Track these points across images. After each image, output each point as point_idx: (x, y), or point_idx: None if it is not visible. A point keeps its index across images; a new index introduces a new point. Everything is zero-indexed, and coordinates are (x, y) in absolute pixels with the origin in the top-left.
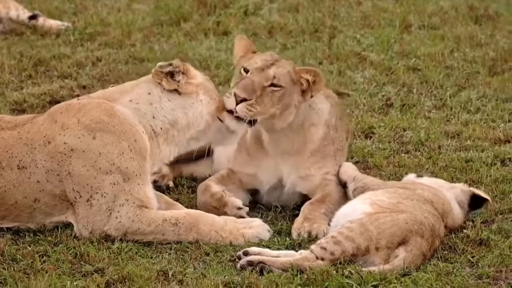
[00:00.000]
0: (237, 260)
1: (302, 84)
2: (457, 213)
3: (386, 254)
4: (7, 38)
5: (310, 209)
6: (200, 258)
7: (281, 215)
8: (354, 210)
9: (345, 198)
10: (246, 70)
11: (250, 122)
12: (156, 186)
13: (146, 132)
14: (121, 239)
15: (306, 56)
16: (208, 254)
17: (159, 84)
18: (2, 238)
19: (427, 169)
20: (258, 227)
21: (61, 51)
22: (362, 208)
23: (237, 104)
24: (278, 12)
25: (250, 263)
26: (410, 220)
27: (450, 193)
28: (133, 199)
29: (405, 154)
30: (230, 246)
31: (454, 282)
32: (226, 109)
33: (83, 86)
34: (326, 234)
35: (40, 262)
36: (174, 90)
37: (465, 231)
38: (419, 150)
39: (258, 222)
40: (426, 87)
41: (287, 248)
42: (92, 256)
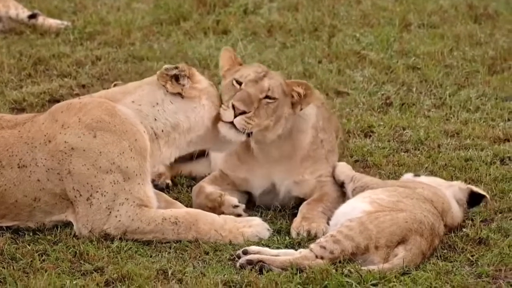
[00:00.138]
0: (236, 259)
1: (293, 96)
2: (456, 211)
3: (385, 253)
4: (7, 37)
5: (308, 208)
6: (199, 257)
7: (280, 214)
8: (353, 209)
9: (342, 197)
10: (239, 82)
11: (248, 134)
12: (153, 185)
13: (147, 133)
14: (120, 238)
15: (305, 55)
16: (207, 253)
17: (163, 86)
18: (2, 237)
19: (427, 168)
20: (257, 226)
21: (60, 50)
22: (362, 206)
23: (235, 116)
24: (278, 11)
25: (250, 262)
26: (410, 219)
27: (448, 191)
28: (133, 198)
29: (404, 153)
30: (230, 245)
31: (453, 281)
32: (223, 120)
33: (83, 85)
34: (325, 232)
35: (39, 261)
36: (177, 94)
37: (464, 230)
38: (419, 149)
39: (257, 221)
40: (425, 86)
41: (287, 247)
42: (91, 255)
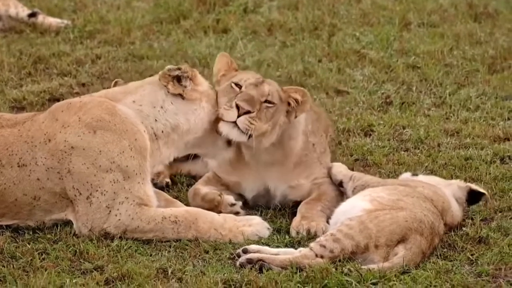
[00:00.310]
0: (236, 258)
1: (289, 104)
2: (455, 210)
3: (385, 252)
4: (7, 36)
5: (307, 208)
6: (199, 256)
7: (280, 213)
8: (353, 207)
9: (340, 196)
10: (239, 85)
11: (250, 136)
12: (153, 184)
13: (147, 132)
14: (120, 237)
15: (305, 53)
16: (207, 252)
17: (165, 87)
18: (2, 235)
19: (427, 167)
20: (257, 225)
21: (60, 49)
22: (362, 205)
23: (239, 116)
24: (278, 9)
25: (250, 261)
26: (410, 218)
27: (448, 190)
28: (132, 197)
29: (404, 152)
30: (230, 244)
31: (453, 280)
32: (225, 120)
33: (83, 84)
34: (325, 231)
35: (39, 259)
36: (178, 95)
37: (464, 229)
38: (419, 148)
39: (257, 220)
40: (425, 85)
41: (287, 246)
42: (91, 253)
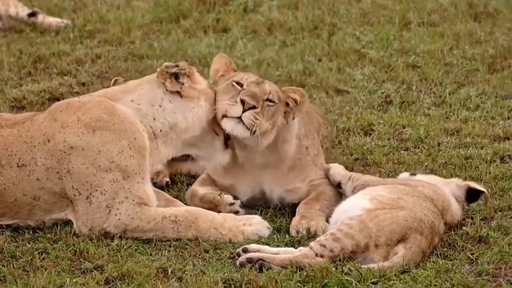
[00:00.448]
0: (236, 257)
1: (288, 104)
2: (455, 209)
3: (385, 251)
4: (7, 36)
5: (306, 207)
6: (199, 255)
7: (280, 212)
8: (353, 206)
9: (338, 195)
10: (240, 84)
11: (253, 133)
12: (152, 183)
13: (146, 132)
14: (120, 237)
15: (305, 53)
16: (207, 251)
17: (163, 84)
18: (2, 235)
19: (427, 166)
20: (257, 224)
21: (60, 48)
22: (362, 203)
23: (244, 111)
24: (278, 9)
25: (250, 260)
26: (410, 217)
27: (447, 189)
28: (132, 197)
29: (404, 151)
30: (230, 243)
31: (453, 279)
32: (229, 116)
33: (83, 83)
34: (324, 230)
35: (39, 259)
36: (176, 93)
37: (464, 228)
38: (419, 147)
39: (257, 219)
40: (425, 84)
41: (287, 245)
42: (91, 253)
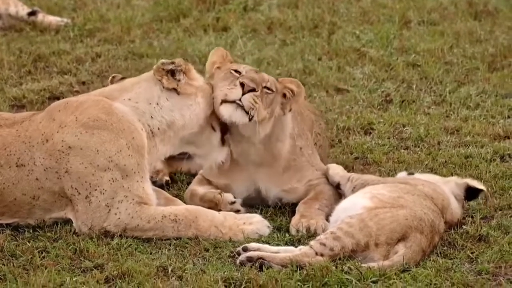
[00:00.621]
0: (236, 256)
1: (284, 95)
2: (455, 207)
3: (385, 250)
4: (7, 34)
5: (305, 207)
6: (199, 254)
7: (280, 211)
8: (353, 204)
9: (337, 194)
10: (238, 72)
11: (249, 119)
12: (152, 182)
13: (144, 130)
14: (120, 235)
15: (305, 52)
16: (207, 250)
17: (159, 81)
18: (2, 234)
19: (427, 165)
20: (257, 223)
21: (60, 47)
22: (362, 202)
23: (243, 94)
24: (278, 8)
25: (250, 259)
26: (410, 216)
27: (446, 187)
28: (132, 196)
29: (404, 150)
30: (230, 242)
31: (453, 278)
32: (228, 100)
33: (83, 82)
34: (324, 229)
35: (39, 258)
36: (173, 90)
37: (464, 227)
38: (419, 146)
39: (257, 218)
40: (425, 83)
41: (287, 244)
42: (91, 252)
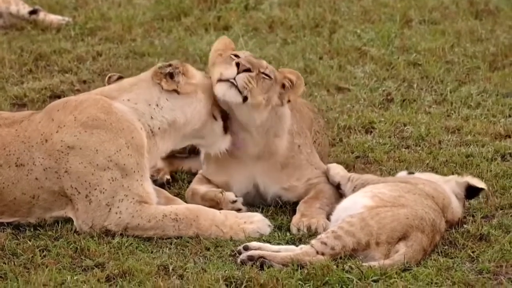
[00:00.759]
0: (237, 255)
1: (283, 86)
2: (456, 206)
3: (386, 249)
4: (8, 33)
5: (306, 206)
6: (200, 253)
7: (281, 210)
8: (354, 203)
9: (338, 193)
10: (238, 56)
11: (245, 98)
12: (153, 181)
13: (144, 130)
14: (121, 234)
15: (306, 51)
16: (208, 249)
17: (158, 84)
18: (3, 232)
19: (428, 164)
20: (258, 222)
21: (61, 46)
22: (363, 201)
23: (238, 73)
24: (279, 6)
25: (251, 258)
26: (411, 215)
27: (447, 186)
28: (132, 195)
29: (405, 149)
30: (231, 241)
31: (454, 277)
32: (223, 78)
33: (84, 81)
34: (325, 228)
35: (40, 256)
36: (173, 90)
37: (465, 226)
38: (420, 145)
39: (258, 217)
40: (426, 82)
41: (288, 243)
42: (92, 250)
